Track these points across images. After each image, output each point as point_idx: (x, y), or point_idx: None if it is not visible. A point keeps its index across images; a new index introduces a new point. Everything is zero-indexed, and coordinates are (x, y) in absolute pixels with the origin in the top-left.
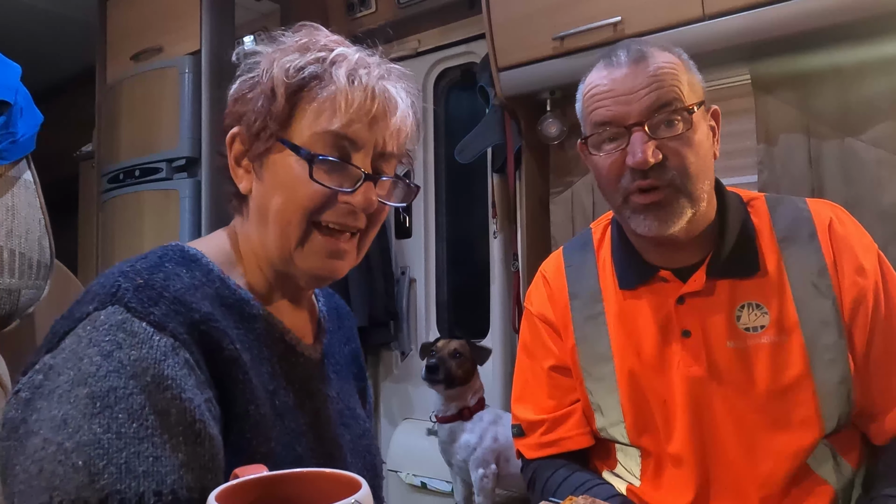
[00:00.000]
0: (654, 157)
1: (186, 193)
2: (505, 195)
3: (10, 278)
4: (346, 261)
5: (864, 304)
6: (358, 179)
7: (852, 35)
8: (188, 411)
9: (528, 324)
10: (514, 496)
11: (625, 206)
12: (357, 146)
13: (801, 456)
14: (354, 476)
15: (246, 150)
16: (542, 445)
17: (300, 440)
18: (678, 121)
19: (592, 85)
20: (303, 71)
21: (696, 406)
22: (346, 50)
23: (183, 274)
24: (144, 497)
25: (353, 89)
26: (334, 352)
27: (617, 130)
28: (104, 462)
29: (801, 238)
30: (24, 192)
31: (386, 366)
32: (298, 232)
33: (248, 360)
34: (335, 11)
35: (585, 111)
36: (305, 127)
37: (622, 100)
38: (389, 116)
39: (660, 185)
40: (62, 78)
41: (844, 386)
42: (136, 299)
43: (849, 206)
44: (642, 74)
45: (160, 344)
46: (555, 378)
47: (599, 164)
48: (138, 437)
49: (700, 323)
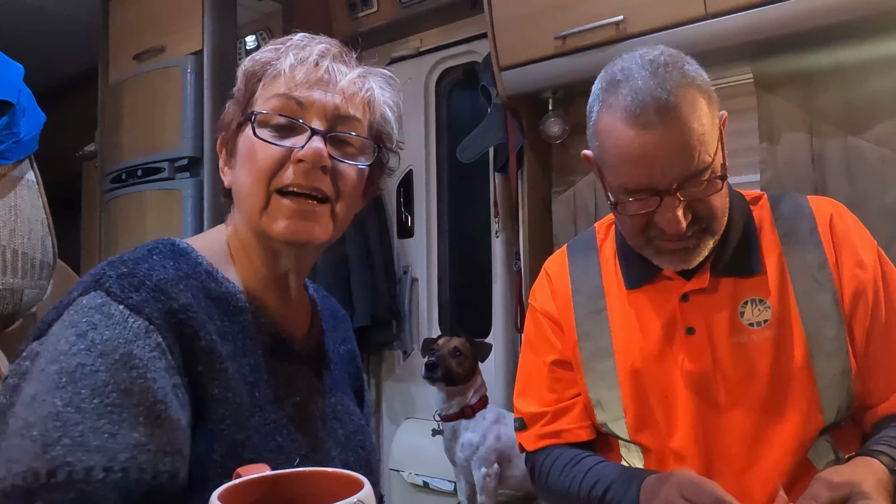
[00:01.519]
0: (685, 219)
1: (189, 193)
2: (507, 194)
3: (13, 278)
4: (318, 224)
5: (864, 298)
6: (308, 137)
7: (855, 33)
8: (151, 391)
9: (532, 319)
10: (517, 496)
11: (648, 247)
12: (304, 106)
13: (803, 449)
14: (357, 475)
15: (226, 149)
16: (543, 436)
17: (280, 431)
18: (708, 178)
19: (619, 141)
20: (259, 58)
21: (699, 401)
22: (304, 40)
23: (169, 266)
24: (93, 471)
25: (298, 62)
26: (329, 350)
27: (648, 194)
28: (59, 434)
29: (802, 233)
30: (26, 191)
31: (388, 365)
32: (262, 197)
33: (228, 351)
34: (337, 11)
35: (609, 167)
36: (259, 101)
37: (655, 169)
38: (339, 79)
39: (689, 235)
40: (65, 78)
41: (845, 378)
42: (118, 285)
43: (852, 204)
44: (674, 139)
45: (133, 325)
46: (556, 372)
47: (624, 213)
48: (97, 412)
49: (704, 320)
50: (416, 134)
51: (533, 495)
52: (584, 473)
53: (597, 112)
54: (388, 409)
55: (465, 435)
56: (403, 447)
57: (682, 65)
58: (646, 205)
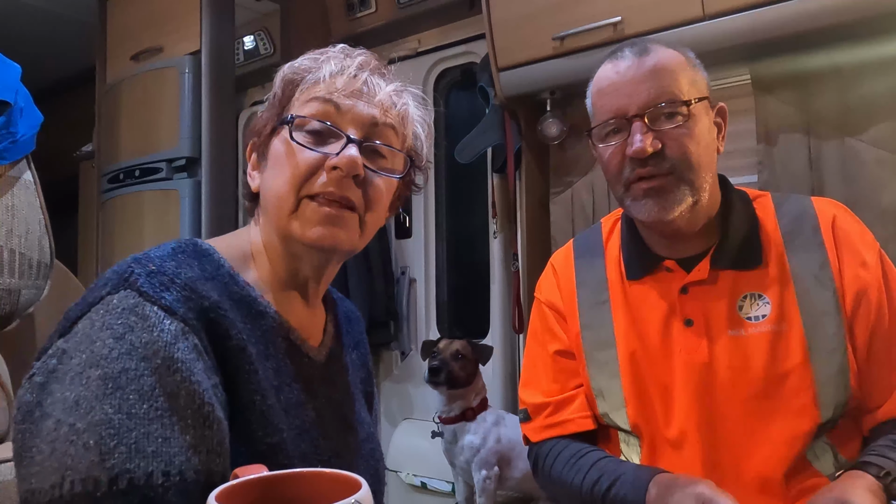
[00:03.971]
0: (652, 146)
1: (186, 193)
2: (505, 195)
3: (10, 278)
4: (346, 230)
5: (867, 299)
6: (344, 145)
7: (852, 35)
8: (197, 394)
9: (538, 311)
10: (515, 498)
11: (626, 195)
12: (342, 113)
13: (800, 443)
14: (354, 476)
15: (257, 152)
16: (546, 427)
17: (304, 437)
18: (677, 113)
19: (598, 80)
20: (299, 66)
21: (697, 392)
22: (344, 51)
23: (194, 265)
24: (153, 476)
25: (339, 71)
26: (342, 356)
27: (619, 123)
28: (115, 442)
29: (804, 233)
30: (24, 192)
31: (386, 366)
32: (291, 202)
33: (254, 352)
34: (335, 11)
35: (593, 107)
36: (296, 105)
37: (624, 93)
38: (377, 91)
39: (659, 172)
40: (62, 78)
41: (842, 376)
42: (148, 284)
43: (849, 205)
44: (643, 68)
45: (170, 328)
46: (560, 362)
47: (603, 156)
48: (148, 417)
49: (702, 312)
50: None
51: (531, 496)
52: (589, 468)
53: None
54: (385, 410)
55: (467, 437)
56: (401, 448)
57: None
58: (619, 136)
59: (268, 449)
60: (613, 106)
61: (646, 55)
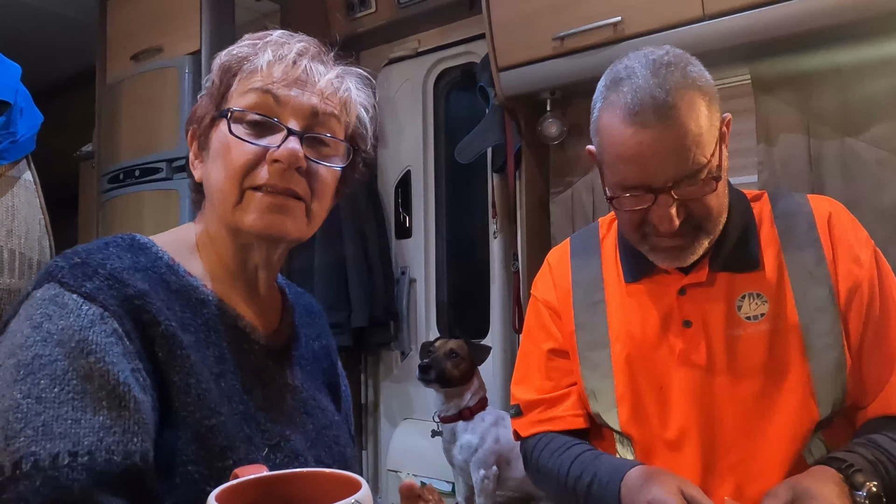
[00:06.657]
0: (679, 217)
1: (186, 193)
2: (505, 195)
3: (10, 278)
4: (292, 218)
5: (859, 295)
6: (284, 137)
7: (852, 35)
8: (111, 374)
9: (533, 309)
10: (515, 497)
11: (643, 243)
12: (282, 104)
13: (798, 442)
14: (354, 476)
15: (198, 142)
16: (537, 423)
17: (249, 421)
18: (703, 179)
19: (618, 142)
20: (236, 53)
21: (695, 393)
22: (283, 37)
23: (126, 257)
24: (59, 457)
25: (277, 59)
26: (301, 345)
27: (644, 190)
28: (21, 425)
29: (800, 231)
30: (24, 192)
31: (386, 366)
32: (235, 194)
33: (189, 340)
34: (335, 11)
35: (607, 163)
36: (235, 96)
37: (650, 170)
38: (317, 79)
39: (683, 233)
40: (62, 78)
41: (839, 372)
42: (70, 275)
43: (849, 205)
44: (669, 142)
45: (88, 313)
46: (553, 360)
47: (622, 215)
48: (59, 400)
49: (701, 313)
50: (414, 135)
51: (531, 497)
52: (572, 461)
53: (598, 109)
54: (385, 410)
55: (464, 437)
56: (401, 447)
57: (684, 65)
58: (641, 201)
59: (207, 431)
60: (637, 178)
61: (669, 121)
